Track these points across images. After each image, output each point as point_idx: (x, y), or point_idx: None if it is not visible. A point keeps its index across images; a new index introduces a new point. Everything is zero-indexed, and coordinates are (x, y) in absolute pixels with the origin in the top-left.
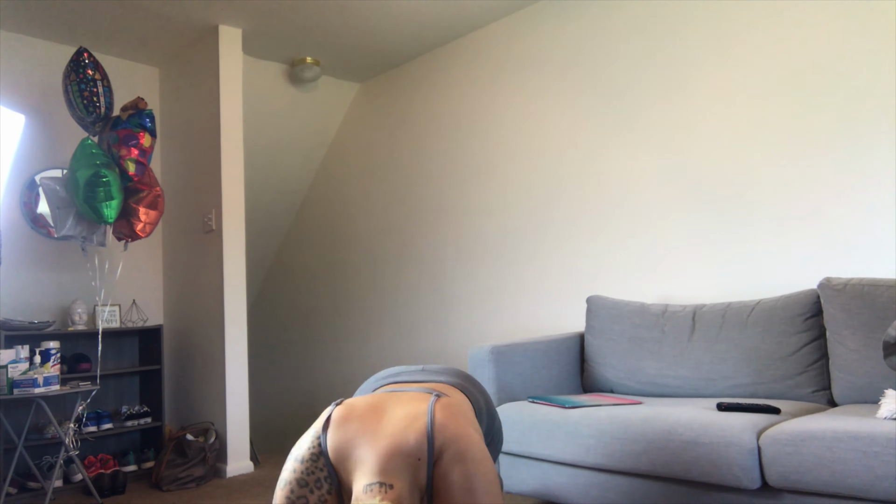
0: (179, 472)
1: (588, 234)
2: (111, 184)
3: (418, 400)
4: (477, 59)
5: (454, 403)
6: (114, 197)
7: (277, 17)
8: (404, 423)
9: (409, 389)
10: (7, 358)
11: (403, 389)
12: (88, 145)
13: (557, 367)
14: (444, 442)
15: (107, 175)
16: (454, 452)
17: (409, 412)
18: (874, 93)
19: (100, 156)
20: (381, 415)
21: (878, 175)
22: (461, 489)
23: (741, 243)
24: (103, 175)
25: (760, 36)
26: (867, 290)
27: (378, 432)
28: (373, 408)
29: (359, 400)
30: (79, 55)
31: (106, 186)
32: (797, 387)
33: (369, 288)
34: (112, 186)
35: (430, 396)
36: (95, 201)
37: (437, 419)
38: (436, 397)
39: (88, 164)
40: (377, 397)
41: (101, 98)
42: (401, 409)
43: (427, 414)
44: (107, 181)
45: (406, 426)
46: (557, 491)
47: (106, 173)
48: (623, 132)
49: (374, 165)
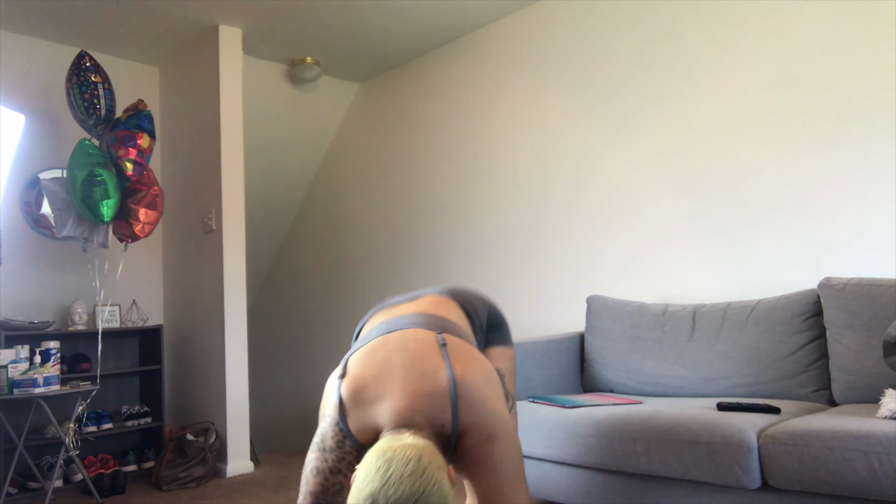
0: (179, 472)
1: (588, 234)
2: (107, 183)
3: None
4: (477, 59)
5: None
6: (110, 196)
7: (277, 17)
8: (422, 381)
9: (404, 319)
10: (7, 358)
11: (399, 322)
12: (86, 146)
13: (557, 367)
14: (470, 420)
15: (101, 174)
16: (484, 431)
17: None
18: (874, 93)
19: (96, 156)
20: (392, 371)
21: (878, 175)
22: (487, 467)
23: (741, 243)
24: (98, 174)
25: (760, 35)
26: (867, 290)
27: (395, 392)
28: (381, 369)
29: (361, 366)
30: (80, 58)
31: (101, 185)
32: (797, 387)
33: (369, 288)
34: (108, 185)
35: (434, 337)
36: (92, 200)
37: (461, 387)
38: (443, 344)
39: (85, 164)
40: (379, 353)
41: (101, 101)
42: (412, 361)
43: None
44: (102, 180)
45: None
46: (557, 491)
47: (101, 172)
48: (623, 132)
49: (374, 165)
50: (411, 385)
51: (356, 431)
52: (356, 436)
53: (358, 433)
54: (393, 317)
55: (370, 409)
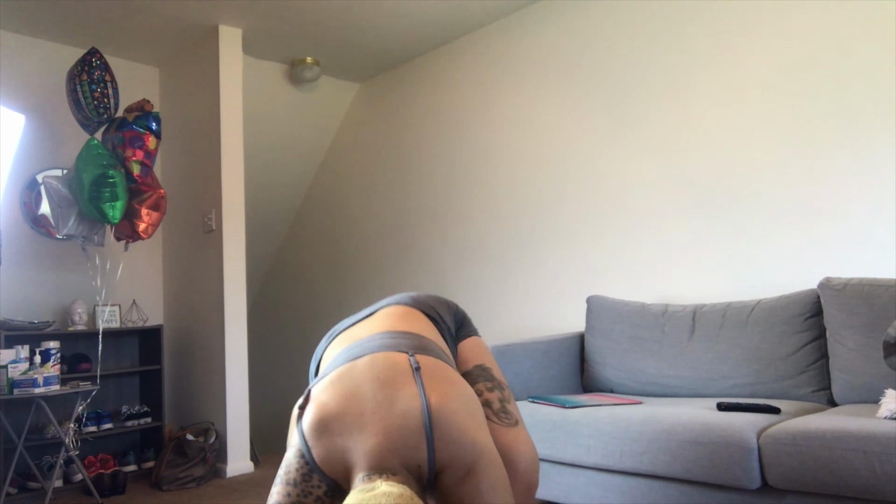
0: (179, 472)
1: (588, 234)
2: (117, 185)
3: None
4: (477, 59)
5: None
6: (119, 198)
7: (277, 17)
8: (394, 415)
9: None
10: (7, 358)
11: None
12: (94, 146)
13: (557, 367)
14: (448, 455)
15: (114, 176)
16: (464, 465)
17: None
18: (874, 93)
19: (106, 156)
20: (362, 401)
21: (879, 175)
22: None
23: (741, 243)
24: (111, 176)
25: (760, 36)
26: (867, 290)
27: (365, 428)
28: (349, 398)
29: (326, 393)
30: (91, 55)
31: (112, 187)
32: (797, 387)
33: (369, 288)
34: (118, 187)
35: (405, 361)
36: (101, 202)
37: (436, 419)
38: (416, 368)
39: (95, 164)
40: (346, 380)
41: (111, 100)
42: (382, 390)
43: (422, 409)
44: (113, 182)
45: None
46: (557, 491)
47: (113, 174)
48: (623, 132)
49: (374, 165)
50: (382, 421)
51: (322, 464)
52: (323, 468)
53: (324, 465)
54: (355, 341)
55: (338, 442)
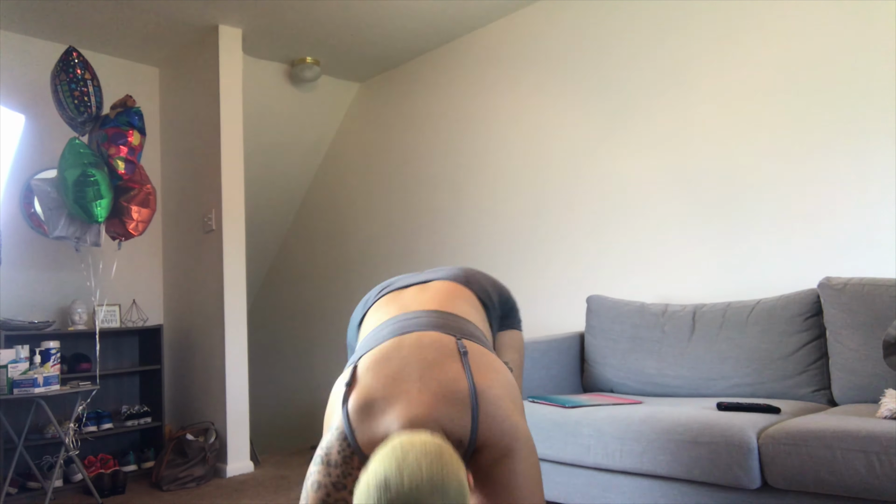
0: (179, 472)
1: (588, 234)
2: (99, 183)
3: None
4: (477, 59)
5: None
6: (103, 196)
7: (277, 17)
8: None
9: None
10: (7, 358)
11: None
12: (76, 145)
13: (557, 367)
14: (490, 435)
15: (94, 174)
16: (502, 447)
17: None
18: (874, 93)
19: (87, 155)
20: (407, 381)
21: (878, 175)
22: (503, 487)
23: (741, 243)
24: (91, 174)
25: (760, 35)
26: (867, 290)
27: (411, 402)
28: (395, 379)
29: (372, 375)
30: (68, 54)
31: (94, 186)
32: (797, 387)
33: (369, 287)
34: (101, 185)
35: (454, 344)
36: (85, 201)
37: (482, 399)
38: (464, 352)
39: (76, 163)
40: (394, 360)
41: (91, 97)
42: (430, 370)
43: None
44: (95, 180)
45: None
46: (557, 491)
47: (93, 172)
48: (623, 132)
49: (374, 165)
50: (428, 394)
51: (365, 446)
52: (365, 450)
53: (367, 447)
54: (405, 312)
55: (381, 421)
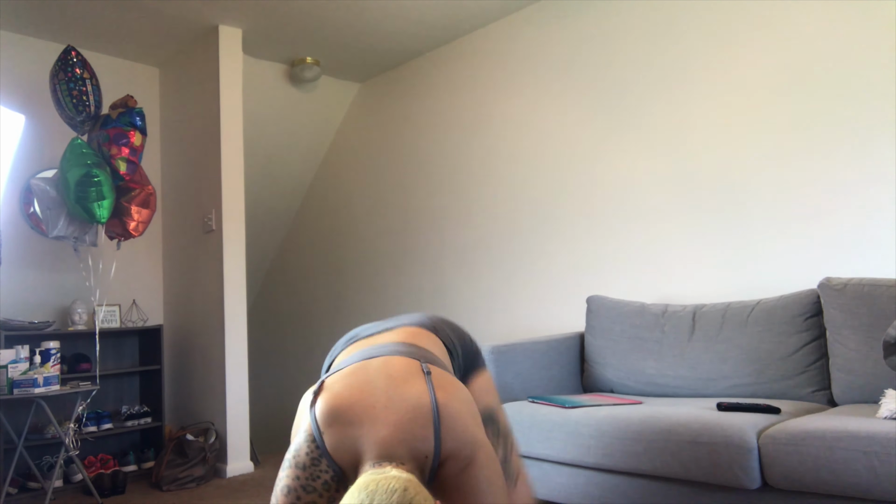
0: (179, 472)
1: (588, 234)
2: (103, 183)
3: (409, 373)
4: (477, 59)
5: (449, 380)
6: (105, 196)
7: (277, 17)
8: (405, 409)
9: (386, 347)
10: (7, 358)
11: (381, 350)
12: (78, 145)
13: (557, 367)
14: (452, 447)
15: (98, 175)
16: (464, 458)
17: (406, 394)
18: (874, 93)
19: (90, 155)
20: (374, 394)
21: (878, 175)
22: (467, 494)
23: (741, 243)
24: (95, 175)
25: (760, 36)
26: (867, 290)
27: (377, 420)
28: (362, 391)
29: (339, 385)
30: (66, 54)
31: (98, 186)
32: (797, 387)
33: (369, 288)
34: (104, 186)
35: (418, 366)
36: (87, 201)
37: (443, 414)
38: (427, 372)
39: (79, 163)
40: (360, 375)
41: (90, 97)
42: (394, 385)
43: (431, 405)
44: (98, 181)
45: (409, 413)
46: (557, 491)
47: (97, 173)
48: (623, 132)
49: (374, 165)
50: (393, 413)
51: (333, 450)
52: (332, 455)
53: (334, 452)
54: (374, 345)
55: (349, 431)
